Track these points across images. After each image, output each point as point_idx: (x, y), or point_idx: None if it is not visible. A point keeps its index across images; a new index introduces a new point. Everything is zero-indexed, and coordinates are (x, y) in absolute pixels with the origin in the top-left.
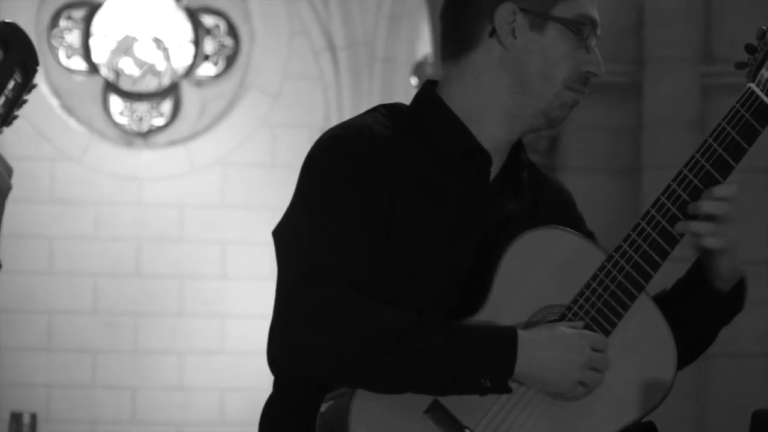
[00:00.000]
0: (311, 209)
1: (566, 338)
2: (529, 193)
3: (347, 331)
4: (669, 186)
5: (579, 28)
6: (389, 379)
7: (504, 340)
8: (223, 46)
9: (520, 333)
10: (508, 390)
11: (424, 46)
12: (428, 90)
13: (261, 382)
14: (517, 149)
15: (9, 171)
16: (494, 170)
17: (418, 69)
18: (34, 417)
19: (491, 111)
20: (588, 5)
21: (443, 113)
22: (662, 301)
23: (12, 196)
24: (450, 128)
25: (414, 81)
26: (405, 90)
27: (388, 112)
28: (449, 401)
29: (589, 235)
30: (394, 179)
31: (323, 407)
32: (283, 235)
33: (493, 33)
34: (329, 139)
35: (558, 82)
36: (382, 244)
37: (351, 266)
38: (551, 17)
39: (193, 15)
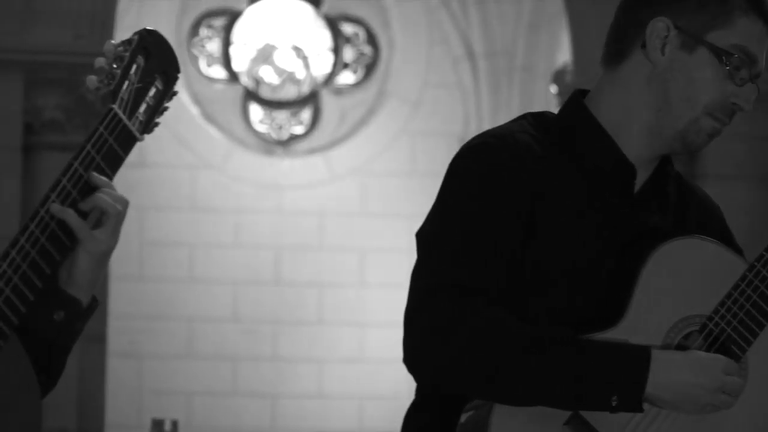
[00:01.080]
0: (448, 216)
1: (699, 362)
2: (674, 207)
3: (471, 344)
4: None
5: (729, 58)
6: (515, 393)
7: (636, 360)
8: (362, 54)
9: (654, 353)
10: (639, 409)
11: (564, 54)
12: (576, 100)
13: (399, 390)
14: (664, 162)
15: (123, 203)
16: (639, 182)
17: (557, 77)
18: (175, 424)
19: (635, 126)
20: (751, 39)
21: (590, 124)
22: None
23: (153, 204)
24: (597, 140)
25: (553, 89)
26: (544, 98)
27: (534, 120)
28: (590, 414)
29: (738, 251)
30: (536, 188)
31: (463, 418)
32: (420, 239)
33: (643, 45)
34: (473, 145)
35: (699, 107)
36: (521, 253)
37: (482, 277)
38: (704, 41)
39: (332, 23)
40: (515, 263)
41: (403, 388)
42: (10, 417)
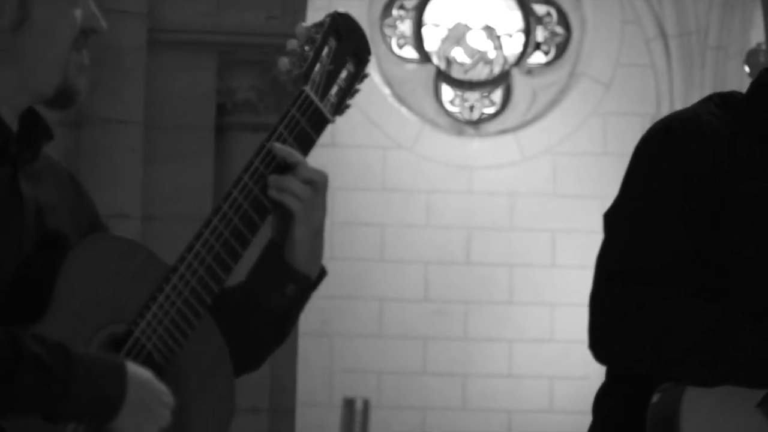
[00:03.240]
0: (633, 200)
1: None
2: None
3: (659, 329)
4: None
5: None
6: (705, 374)
7: None
8: (554, 34)
9: None
10: None
11: (758, 34)
12: (764, 80)
13: (589, 371)
14: None
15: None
16: None
17: (750, 57)
18: (366, 402)
19: None
20: None
21: None
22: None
23: (344, 184)
24: None
25: (747, 69)
26: (738, 79)
27: (721, 101)
28: None
29: None
30: (722, 170)
31: (655, 398)
32: (607, 221)
33: None
34: (658, 129)
35: None
36: (705, 236)
37: (667, 261)
38: None
39: (523, 4)
40: (700, 247)
41: (593, 368)
42: (204, 395)
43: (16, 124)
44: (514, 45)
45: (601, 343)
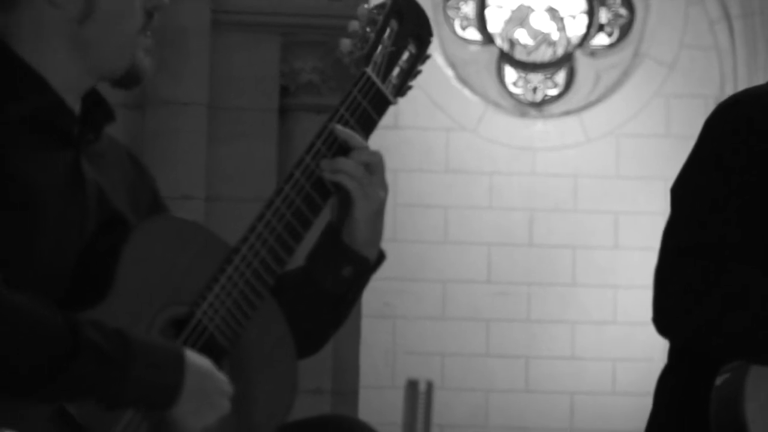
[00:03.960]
0: (700, 173)
1: None
2: None
3: (727, 304)
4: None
5: None
6: (762, 354)
7: None
8: (617, 15)
9: None
10: None
11: None
12: None
13: (653, 352)
14: None
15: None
16: None
17: None
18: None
19: None
20: None
21: None
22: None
23: (407, 166)
24: None
25: None
26: None
27: None
28: None
29: None
30: None
31: (718, 380)
32: (674, 196)
33: None
34: (727, 104)
35: None
36: None
37: (733, 237)
38: None
39: None
40: (765, 222)
41: (656, 350)
42: (267, 377)
43: (78, 105)
44: (577, 26)
45: (664, 315)
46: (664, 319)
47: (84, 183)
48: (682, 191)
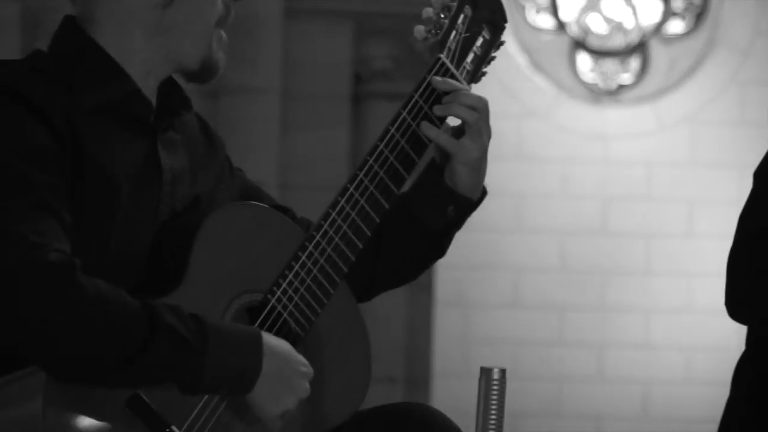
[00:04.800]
0: None
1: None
2: None
3: None
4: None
5: None
6: None
7: None
8: (691, 2)
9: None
10: None
11: None
12: None
13: (728, 341)
14: None
15: (481, 105)
16: None
17: None
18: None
19: None
20: None
21: None
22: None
23: None
24: None
25: None
26: None
27: None
28: None
29: None
30: None
31: None
32: (755, 179)
33: None
34: None
35: None
36: None
37: None
38: None
39: None
40: None
41: (732, 339)
42: (340, 364)
43: (155, 94)
44: (651, 13)
45: (735, 298)
46: (735, 301)
47: (161, 170)
48: (761, 175)
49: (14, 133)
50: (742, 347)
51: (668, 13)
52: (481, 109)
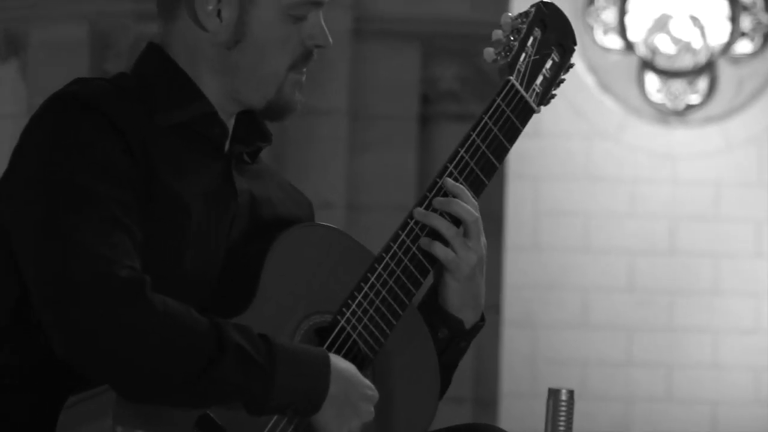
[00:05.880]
0: None
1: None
2: None
3: None
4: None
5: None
6: None
7: None
8: (759, 22)
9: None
10: None
11: None
12: None
13: None
14: None
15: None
16: None
17: None
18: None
19: None
20: None
21: None
22: None
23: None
24: None
25: None
26: None
27: None
28: None
29: None
30: None
31: None
32: None
33: None
34: None
35: None
36: None
37: None
38: None
39: None
40: None
41: None
42: (409, 385)
43: (231, 121)
44: (719, 34)
45: None
46: None
47: (234, 193)
48: None
49: (90, 147)
50: None
51: (736, 33)
52: (469, 224)
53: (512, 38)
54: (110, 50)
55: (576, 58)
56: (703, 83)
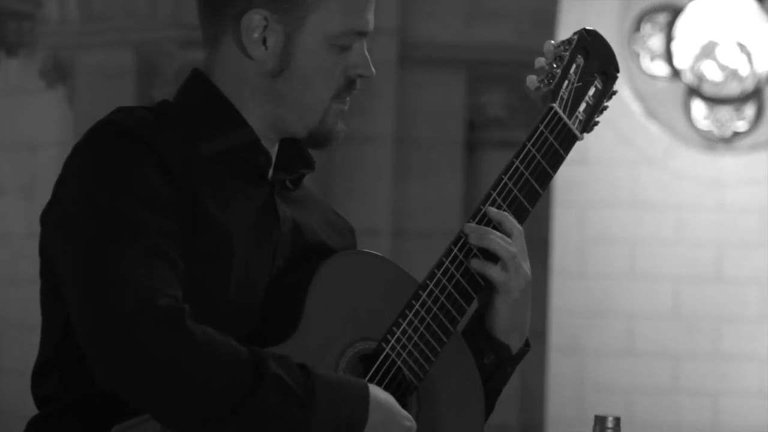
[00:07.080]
0: None
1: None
2: None
3: None
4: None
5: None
6: None
7: None
8: None
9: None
10: None
11: None
12: None
13: None
14: None
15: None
16: None
17: None
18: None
19: None
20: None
21: None
22: None
23: (594, 200)
24: None
25: None
26: None
27: None
28: None
29: None
30: None
31: None
32: None
33: None
34: None
35: None
36: None
37: None
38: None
39: None
40: None
41: None
42: (454, 413)
43: (274, 149)
44: (766, 60)
45: None
46: None
47: (278, 220)
48: None
49: (133, 176)
50: None
51: None
52: (508, 260)
53: (555, 66)
54: (157, 77)
55: (622, 85)
56: (750, 110)
